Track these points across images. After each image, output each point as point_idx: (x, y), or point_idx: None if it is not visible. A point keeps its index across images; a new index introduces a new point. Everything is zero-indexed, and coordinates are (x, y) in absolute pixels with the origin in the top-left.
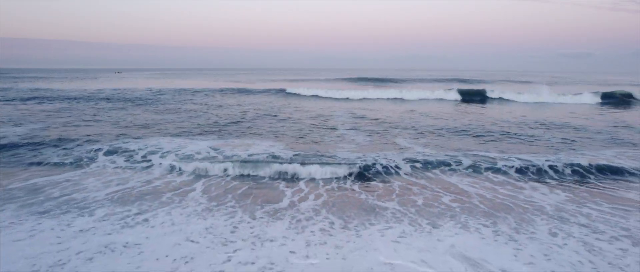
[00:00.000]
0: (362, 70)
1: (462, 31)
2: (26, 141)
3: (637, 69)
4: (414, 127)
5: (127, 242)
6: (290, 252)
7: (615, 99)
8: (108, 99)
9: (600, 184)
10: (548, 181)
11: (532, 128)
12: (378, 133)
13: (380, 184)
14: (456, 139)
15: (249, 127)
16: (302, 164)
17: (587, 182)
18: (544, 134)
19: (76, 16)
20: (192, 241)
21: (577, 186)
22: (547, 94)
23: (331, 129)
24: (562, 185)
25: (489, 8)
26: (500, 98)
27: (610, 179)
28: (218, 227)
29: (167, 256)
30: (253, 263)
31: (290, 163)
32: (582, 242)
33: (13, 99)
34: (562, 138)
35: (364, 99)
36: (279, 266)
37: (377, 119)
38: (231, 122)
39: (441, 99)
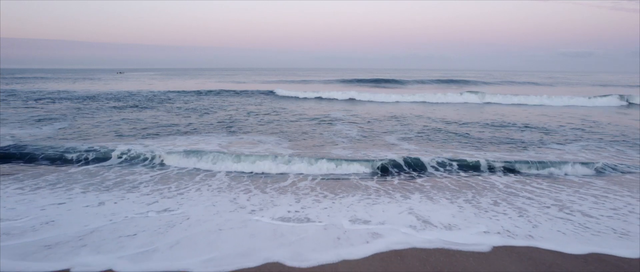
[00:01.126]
0: (361, 71)
1: (462, 31)
2: (60, 139)
3: (637, 69)
4: (401, 124)
5: (171, 206)
6: (288, 211)
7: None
8: (118, 99)
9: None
10: (510, 168)
11: (510, 127)
12: (371, 131)
13: (368, 170)
14: (440, 136)
15: (256, 125)
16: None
17: (539, 169)
18: (521, 132)
19: (76, 16)
20: (220, 205)
21: (529, 172)
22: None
23: (328, 124)
24: (517, 172)
25: (489, 8)
26: (490, 102)
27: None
28: (238, 198)
29: (204, 212)
30: (266, 216)
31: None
32: (515, 207)
33: (27, 100)
34: (534, 136)
35: (360, 101)
36: (283, 217)
37: (369, 115)
38: (238, 120)
39: (437, 103)
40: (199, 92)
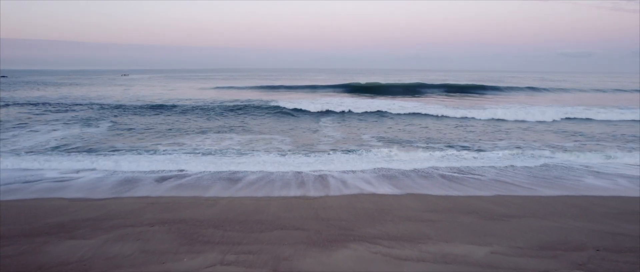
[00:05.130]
0: (360, 73)
1: (462, 32)
2: (117, 135)
3: (637, 69)
4: (380, 126)
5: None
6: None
7: None
8: (136, 101)
9: (480, 154)
10: (445, 151)
11: (455, 129)
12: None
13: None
14: (405, 132)
15: (264, 126)
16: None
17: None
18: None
19: (77, 17)
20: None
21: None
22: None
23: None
24: (448, 153)
25: (489, 8)
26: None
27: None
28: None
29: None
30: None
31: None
32: (417, 173)
33: (57, 104)
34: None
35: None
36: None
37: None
38: (248, 122)
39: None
40: (211, 100)
